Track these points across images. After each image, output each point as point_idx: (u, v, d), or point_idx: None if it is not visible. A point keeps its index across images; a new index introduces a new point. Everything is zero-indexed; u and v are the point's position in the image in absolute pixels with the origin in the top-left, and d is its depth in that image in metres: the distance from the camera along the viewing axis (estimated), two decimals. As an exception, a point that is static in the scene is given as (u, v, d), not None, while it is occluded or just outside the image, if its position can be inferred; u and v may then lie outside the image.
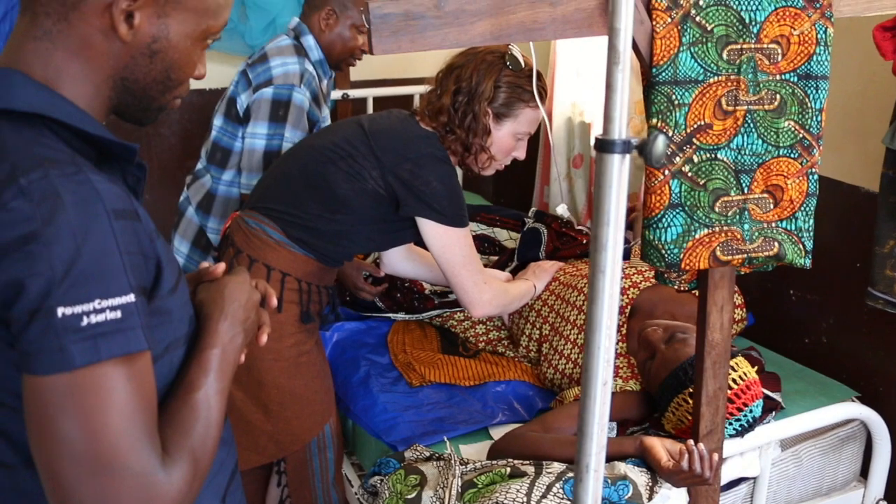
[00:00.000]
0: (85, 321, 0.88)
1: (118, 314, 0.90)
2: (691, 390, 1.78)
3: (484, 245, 3.01)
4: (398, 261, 2.50)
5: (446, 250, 2.11)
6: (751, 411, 1.83)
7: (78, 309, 0.88)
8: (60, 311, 0.87)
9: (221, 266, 1.26)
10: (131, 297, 0.92)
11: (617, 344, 2.21)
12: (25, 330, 0.88)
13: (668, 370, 1.92)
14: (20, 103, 0.96)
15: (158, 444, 0.95)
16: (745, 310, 2.49)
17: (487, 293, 2.18)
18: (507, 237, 3.03)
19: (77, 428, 0.89)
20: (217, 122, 2.71)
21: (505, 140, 2.13)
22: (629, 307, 2.27)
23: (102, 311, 0.89)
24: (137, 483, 0.92)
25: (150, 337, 0.95)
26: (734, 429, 1.82)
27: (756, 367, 2.01)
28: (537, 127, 2.19)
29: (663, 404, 1.93)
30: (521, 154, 2.20)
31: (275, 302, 1.31)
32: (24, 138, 0.95)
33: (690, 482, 1.70)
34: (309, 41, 2.68)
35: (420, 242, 2.19)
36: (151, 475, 0.93)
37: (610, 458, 1.78)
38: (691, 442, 1.68)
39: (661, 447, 1.72)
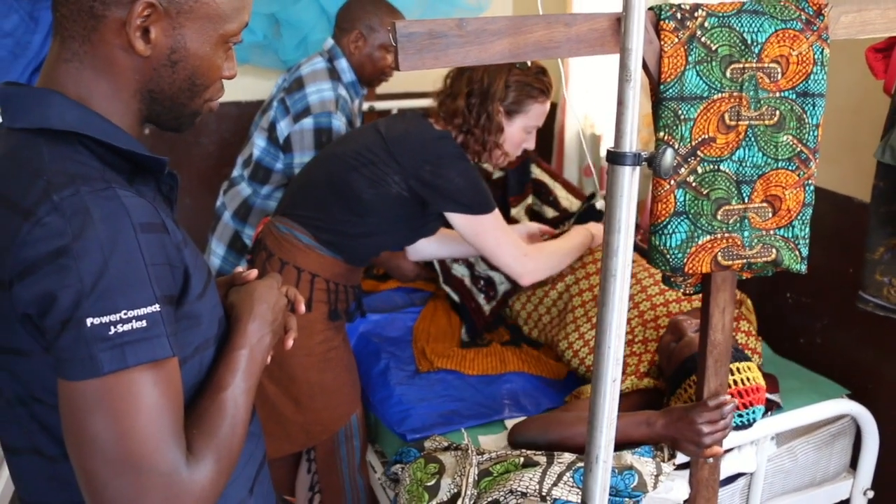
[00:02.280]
0: (112, 330, 0.89)
1: (144, 323, 0.90)
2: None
3: (541, 192, 2.95)
4: (424, 245, 2.48)
5: (479, 237, 2.13)
6: (753, 412, 1.81)
7: (105, 319, 0.88)
8: (89, 321, 0.88)
9: (254, 272, 1.26)
10: (156, 307, 0.92)
11: (650, 341, 2.20)
12: (58, 338, 0.89)
13: (690, 351, 1.92)
14: (56, 122, 0.97)
15: (184, 445, 0.95)
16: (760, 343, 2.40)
17: (530, 263, 2.20)
18: (565, 196, 2.95)
19: (107, 430, 0.90)
20: (260, 142, 2.71)
21: (516, 134, 2.15)
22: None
23: (129, 320, 0.89)
24: (163, 482, 0.92)
25: (176, 343, 0.95)
26: (734, 423, 1.80)
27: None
28: (549, 130, 2.21)
29: (678, 380, 1.91)
30: (531, 144, 2.22)
31: (303, 308, 1.32)
32: (59, 155, 0.95)
33: (713, 433, 1.66)
34: (342, 64, 2.68)
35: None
36: (176, 474, 0.93)
37: (630, 436, 1.77)
38: None
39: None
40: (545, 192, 2.97)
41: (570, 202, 2.93)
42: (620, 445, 1.72)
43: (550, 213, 2.93)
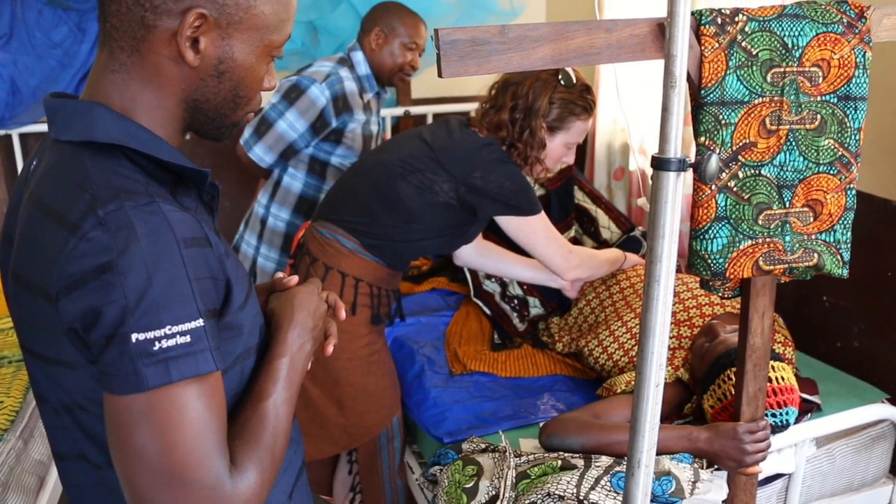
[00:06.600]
0: (156, 346, 0.88)
1: (188, 338, 0.90)
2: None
3: (583, 220, 2.94)
4: (471, 255, 2.50)
5: (530, 237, 2.17)
6: (786, 413, 1.78)
7: (150, 335, 0.88)
8: (134, 336, 0.87)
9: (294, 278, 1.26)
10: (200, 322, 0.91)
11: (684, 337, 2.18)
12: (103, 353, 0.89)
13: (725, 348, 1.90)
14: (101, 135, 0.96)
15: (227, 457, 0.95)
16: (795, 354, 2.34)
17: (575, 259, 2.26)
18: (607, 225, 2.94)
19: (151, 443, 0.90)
20: None
21: (557, 150, 2.14)
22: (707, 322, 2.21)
23: (173, 336, 0.89)
24: (207, 495, 0.92)
25: (220, 357, 0.95)
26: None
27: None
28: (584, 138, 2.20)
29: (712, 377, 1.89)
30: (570, 159, 2.22)
31: (343, 314, 1.30)
32: (103, 168, 0.95)
33: (757, 452, 1.67)
34: (357, 56, 2.71)
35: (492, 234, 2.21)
36: (220, 487, 0.93)
37: (671, 449, 1.75)
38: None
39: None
40: (587, 220, 2.94)
41: (610, 233, 2.91)
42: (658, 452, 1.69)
43: (590, 244, 2.91)
